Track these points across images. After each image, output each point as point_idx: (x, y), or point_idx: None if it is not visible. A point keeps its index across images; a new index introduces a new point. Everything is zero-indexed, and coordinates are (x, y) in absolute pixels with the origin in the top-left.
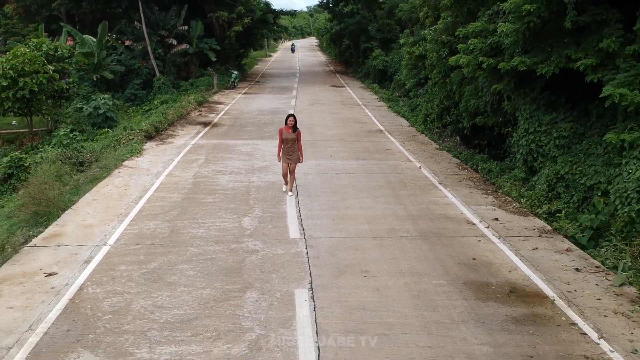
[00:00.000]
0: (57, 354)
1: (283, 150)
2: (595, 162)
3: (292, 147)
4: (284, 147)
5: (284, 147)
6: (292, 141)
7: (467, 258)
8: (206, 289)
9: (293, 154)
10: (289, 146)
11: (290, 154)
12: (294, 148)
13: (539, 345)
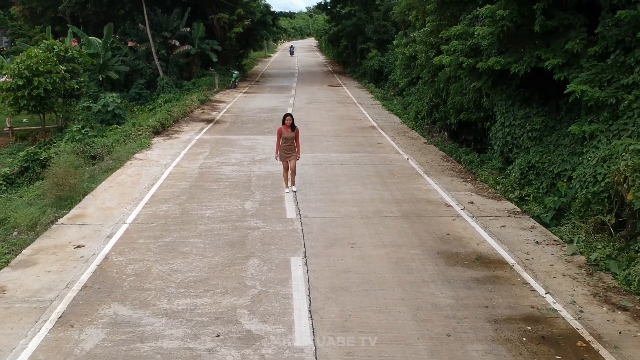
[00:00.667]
0: (91, 305)
1: (282, 148)
2: (562, 152)
3: (290, 146)
4: (282, 145)
5: (283, 145)
6: (291, 139)
7: (441, 233)
8: (215, 257)
9: (292, 152)
10: (288, 144)
11: (289, 152)
12: (293, 146)
13: (494, 298)
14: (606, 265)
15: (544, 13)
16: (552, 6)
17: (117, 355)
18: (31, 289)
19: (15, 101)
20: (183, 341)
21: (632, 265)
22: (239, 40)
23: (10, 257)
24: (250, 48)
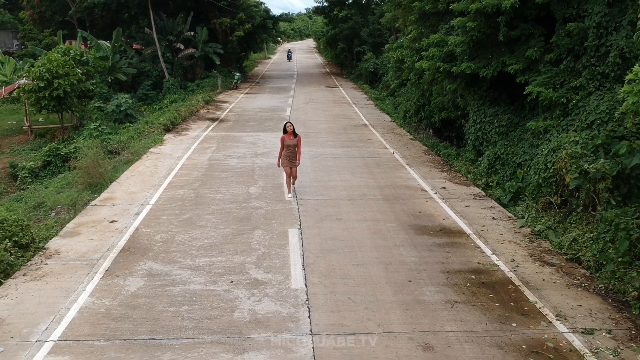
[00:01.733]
0: (130, 262)
1: (284, 154)
2: (524, 145)
3: (293, 152)
4: (285, 152)
5: (286, 152)
6: (294, 146)
7: (415, 211)
8: (226, 229)
9: (294, 159)
10: (291, 151)
11: (291, 159)
12: (295, 153)
13: (450, 257)
14: (546, 234)
15: (508, 24)
16: (515, 18)
17: (155, 294)
18: (80, 251)
19: (37, 101)
20: (205, 285)
21: (565, 233)
22: (240, 43)
23: (58, 230)
24: (250, 50)
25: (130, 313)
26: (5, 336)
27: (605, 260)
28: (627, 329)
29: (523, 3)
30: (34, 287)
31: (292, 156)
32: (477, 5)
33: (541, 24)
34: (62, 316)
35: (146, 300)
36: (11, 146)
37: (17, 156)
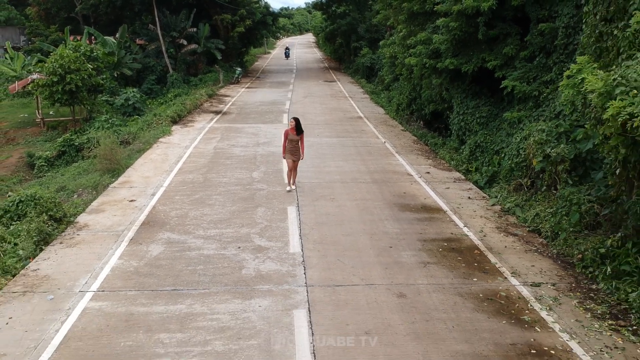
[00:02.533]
0: (151, 233)
1: (287, 149)
2: (501, 134)
3: (295, 147)
4: (288, 146)
5: (288, 146)
6: (296, 142)
7: (400, 192)
8: (232, 206)
9: (296, 153)
10: (293, 146)
11: (294, 153)
12: (297, 148)
13: (427, 229)
14: (513, 211)
15: (487, 24)
16: (494, 18)
17: (175, 257)
18: (106, 225)
19: (51, 95)
20: (216, 250)
21: (530, 210)
22: (241, 39)
23: (84, 207)
24: (250, 46)
25: (154, 271)
26: (53, 288)
27: (560, 230)
28: (569, 282)
29: (501, 5)
30: (70, 252)
31: (294, 151)
32: (459, 7)
33: (517, 24)
34: (97, 273)
35: (167, 262)
36: (25, 137)
37: (31, 147)
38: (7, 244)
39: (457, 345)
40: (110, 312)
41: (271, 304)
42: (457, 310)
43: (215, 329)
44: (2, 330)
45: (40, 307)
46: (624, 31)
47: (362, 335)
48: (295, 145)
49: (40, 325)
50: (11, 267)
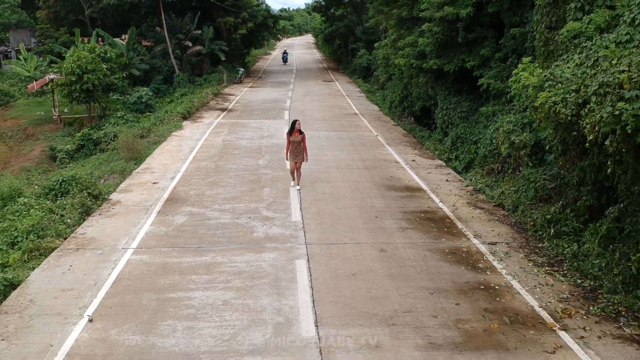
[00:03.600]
0: (174, 207)
1: (290, 150)
2: (479, 127)
3: (298, 148)
4: (291, 148)
5: (291, 148)
6: (298, 143)
7: (387, 176)
8: (242, 187)
9: (299, 155)
10: (295, 147)
11: (296, 155)
12: (300, 149)
13: (408, 204)
14: (483, 190)
15: (466, 29)
16: (472, 23)
17: (196, 224)
18: (135, 201)
19: (69, 93)
20: (231, 219)
21: (497, 189)
22: (243, 40)
23: (114, 188)
24: (252, 47)
25: (181, 234)
26: (100, 246)
27: (519, 204)
28: (520, 242)
29: (478, 11)
30: (109, 221)
31: (296, 153)
32: (441, 14)
33: (493, 29)
34: (134, 236)
35: (191, 228)
36: (44, 133)
37: (51, 141)
38: (56, 215)
39: (422, 282)
40: (149, 262)
41: (278, 256)
42: (426, 260)
43: (234, 272)
44: (66, 273)
45: (93, 259)
46: (561, 37)
47: (350, 276)
48: (298, 146)
49: (95, 270)
50: (62, 232)
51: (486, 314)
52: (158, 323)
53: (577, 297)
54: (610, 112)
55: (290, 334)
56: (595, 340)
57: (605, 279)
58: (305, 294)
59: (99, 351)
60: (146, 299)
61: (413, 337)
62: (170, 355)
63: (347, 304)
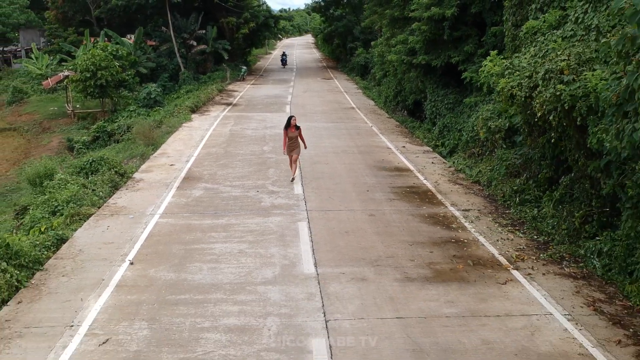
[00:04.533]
0: (191, 183)
1: (287, 145)
2: (463, 116)
3: (294, 143)
4: (288, 142)
5: (288, 143)
6: (295, 138)
7: (379, 159)
8: (250, 168)
9: (295, 149)
10: (292, 142)
11: (293, 149)
12: (297, 143)
13: (396, 181)
14: (463, 170)
15: (452, 27)
16: (457, 22)
17: (212, 196)
18: (156, 179)
19: (84, 89)
20: (241, 192)
21: (475, 168)
22: (245, 40)
23: (136, 169)
24: (254, 46)
25: (199, 204)
26: (131, 212)
27: (492, 180)
28: (490, 210)
29: (463, 11)
30: (135, 194)
31: (293, 146)
32: (429, 14)
33: (476, 27)
34: (159, 205)
35: (207, 199)
36: (59, 127)
37: (66, 134)
38: (88, 189)
39: (403, 237)
40: (175, 224)
41: (283, 219)
42: (408, 222)
43: (247, 231)
44: (105, 232)
45: (126, 222)
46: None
47: (343, 233)
48: (295, 141)
49: (129, 229)
50: (96, 202)
51: (454, 259)
52: (187, 265)
53: (531, 248)
54: (552, 92)
55: (294, 271)
56: (539, 276)
57: (556, 234)
58: (306, 245)
59: (141, 283)
60: (175, 249)
61: (392, 274)
62: (199, 285)
63: (340, 252)
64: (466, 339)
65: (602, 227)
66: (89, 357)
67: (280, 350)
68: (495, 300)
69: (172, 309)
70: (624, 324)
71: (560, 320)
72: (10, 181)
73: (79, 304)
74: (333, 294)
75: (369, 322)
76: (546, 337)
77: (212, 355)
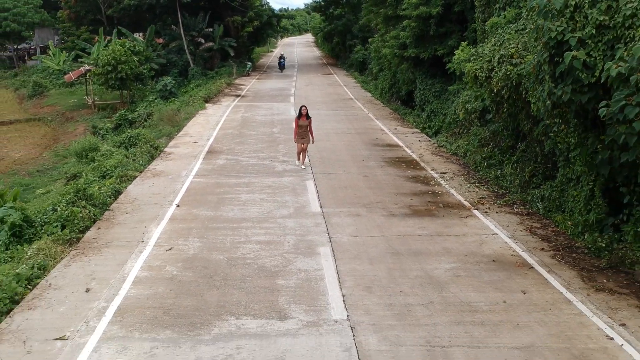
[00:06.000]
0: (214, 155)
1: (298, 133)
2: (448, 102)
3: (304, 132)
4: (298, 131)
5: (299, 132)
6: (306, 127)
7: (373, 138)
8: (262, 145)
9: (305, 137)
10: (302, 131)
11: (303, 137)
12: (306, 132)
13: (387, 153)
14: (445, 145)
15: (438, 24)
16: (443, 20)
17: (233, 164)
18: (184, 152)
19: (106, 81)
20: (257, 162)
21: (455, 144)
22: (250, 37)
23: (166, 145)
24: (258, 44)
25: (223, 169)
26: (169, 175)
27: (467, 151)
28: (463, 173)
29: (447, 10)
30: (169, 162)
31: (303, 135)
32: (417, 12)
33: (459, 24)
34: (191, 170)
35: (229, 166)
36: (81, 116)
37: (89, 123)
38: (129, 159)
39: (390, 190)
40: (206, 182)
41: (293, 179)
42: (395, 180)
43: (265, 186)
44: (151, 187)
45: (167, 181)
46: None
47: (342, 187)
48: (305, 130)
49: (170, 185)
50: (139, 167)
51: (428, 204)
52: (221, 207)
53: (491, 197)
54: (504, 72)
55: (304, 211)
56: (493, 213)
57: (512, 187)
58: (313, 195)
59: (188, 217)
60: (210, 198)
61: (380, 212)
62: (232, 219)
63: (340, 199)
64: (431, 247)
65: (545, 178)
66: (160, 257)
67: (297, 253)
68: (456, 227)
69: (215, 232)
70: (549, 240)
71: (503, 238)
72: (46, 161)
73: (144, 229)
74: (335, 223)
75: (361, 238)
76: (490, 246)
77: (249, 255)
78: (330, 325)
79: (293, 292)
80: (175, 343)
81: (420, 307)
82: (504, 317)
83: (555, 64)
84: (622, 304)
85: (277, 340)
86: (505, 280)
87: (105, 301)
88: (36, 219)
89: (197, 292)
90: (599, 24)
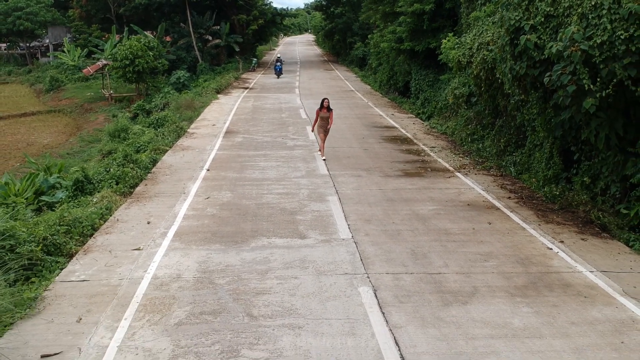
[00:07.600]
0: (232, 135)
1: (319, 124)
2: (440, 91)
3: (325, 122)
4: (319, 122)
5: (320, 122)
6: (326, 118)
7: (372, 121)
8: (273, 126)
9: (325, 128)
10: (323, 122)
11: (324, 128)
12: (326, 123)
13: (384, 133)
14: (436, 127)
15: (431, 19)
16: (435, 15)
17: (249, 142)
18: (206, 132)
19: (123, 74)
20: (271, 139)
21: (444, 125)
22: (254, 35)
23: (188, 127)
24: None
25: (242, 145)
26: (196, 149)
27: (454, 130)
28: (450, 147)
29: (439, 7)
30: (194, 140)
31: (323, 126)
32: (412, 9)
33: (450, 19)
34: (214, 145)
35: (247, 142)
36: (100, 108)
37: (108, 113)
38: (158, 137)
39: (387, 159)
40: (229, 154)
41: (303, 152)
42: (390, 152)
43: (279, 157)
44: (183, 157)
45: (194, 153)
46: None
47: (345, 157)
48: (325, 121)
49: (198, 156)
50: (168, 144)
51: (418, 168)
52: (244, 171)
53: (471, 164)
54: (482, 57)
55: (315, 173)
56: (473, 175)
57: (489, 156)
58: (321, 163)
59: (218, 177)
60: (234, 164)
61: (378, 174)
62: (255, 179)
63: (344, 165)
64: (419, 196)
65: (517, 147)
66: (201, 203)
67: (310, 200)
68: (440, 183)
69: (242, 187)
70: (516, 192)
71: (478, 190)
72: (74, 145)
73: (183, 185)
74: (340, 181)
75: (362, 191)
76: (466, 196)
77: (272, 201)
78: (338, 242)
79: (309, 223)
80: (224, 252)
81: (407, 232)
82: (472, 237)
83: (514, 45)
84: (564, 230)
85: (300, 250)
86: (475, 216)
87: (164, 229)
88: (93, 177)
89: (235, 223)
90: (546, 13)
